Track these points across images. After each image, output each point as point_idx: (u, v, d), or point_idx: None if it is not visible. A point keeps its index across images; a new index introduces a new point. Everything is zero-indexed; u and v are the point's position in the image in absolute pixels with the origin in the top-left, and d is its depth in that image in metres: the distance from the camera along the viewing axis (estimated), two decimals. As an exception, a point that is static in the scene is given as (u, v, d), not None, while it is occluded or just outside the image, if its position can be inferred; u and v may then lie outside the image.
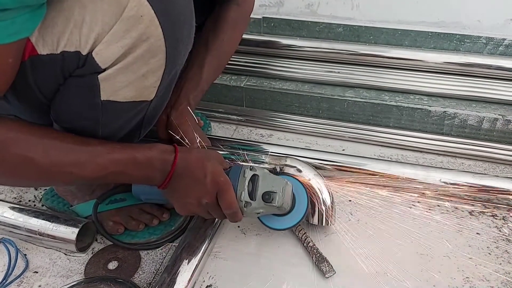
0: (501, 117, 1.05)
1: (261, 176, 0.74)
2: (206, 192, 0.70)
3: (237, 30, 0.98)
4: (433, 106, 1.09)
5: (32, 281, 0.80)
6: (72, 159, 0.62)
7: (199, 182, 0.70)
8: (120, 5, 0.56)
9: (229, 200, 0.70)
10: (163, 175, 0.69)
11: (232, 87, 1.23)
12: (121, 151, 0.66)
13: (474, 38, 1.14)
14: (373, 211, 0.92)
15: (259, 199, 0.72)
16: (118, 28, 0.57)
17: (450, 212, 0.91)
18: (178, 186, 0.71)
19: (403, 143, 1.10)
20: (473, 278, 0.77)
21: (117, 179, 0.68)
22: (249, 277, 0.79)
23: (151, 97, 0.68)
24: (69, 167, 0.62)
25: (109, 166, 0.64)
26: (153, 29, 0.59)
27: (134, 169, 0.67)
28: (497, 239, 0.85)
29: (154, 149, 0.69)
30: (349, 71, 1.19)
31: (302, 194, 0.80)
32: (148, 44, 0.60)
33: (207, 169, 0.70)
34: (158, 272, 0.81)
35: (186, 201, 0.72)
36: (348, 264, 0.80)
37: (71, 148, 0.63)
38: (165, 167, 0.69)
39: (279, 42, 1.23)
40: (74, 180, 0.70)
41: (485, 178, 0.90)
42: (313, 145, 1.13)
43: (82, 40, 0.58)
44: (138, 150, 0.68)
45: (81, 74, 0.62)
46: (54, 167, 0.61)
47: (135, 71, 0.62)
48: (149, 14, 0.57)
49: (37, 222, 0.84)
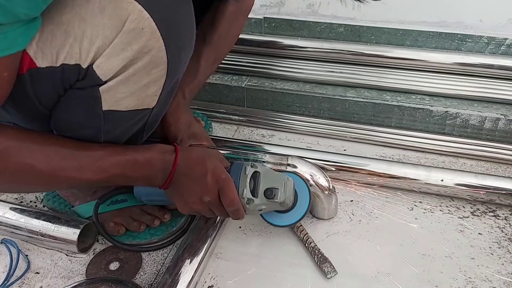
0: (503, 117, 1.04)
1: (262, 172, 0.74)
2: (208, 190, 0.70)
3: (236, 24, 0.97)
4: (435, 106, 1.09)
5: (34, 282, 0.80)
6: (73, 164, 0.62)
7: (201, 180, 0.70)
8: (121, 19, 0.56)
9: (231, 197, 0.70)
10: (164, 175, 0.69)
11: (233, 87, 1.23)
12: (122, 153, 0.66)
13: (476, 38, 1.13)
14: (374, 212, 0.91)
15: (261, 195, 0.73)
16: (119, 41, 0.57)
17: (452, 212, 0.91)
18: (179, 185, 0.71)
19: (405, 143, 1.09)
20: (475, 278, 0.77)
21: (119, 182, 0.68)
22: (250, 277, 0.79)
23: (153, 105, 0.68)
24: (70, 172, 0.62)
25: (110, 168, 0.64)
26: (155, 42, 0.58)
27: (135, 171, 0.67)
28: (499, 239, 0.84)
29: (155, 149, 0.70)
30: (350, 71, 1.18)
31: (303, 189, 0.80)
32: (149, 56, 0.59)
33: (208, 167, 0.70)
34: (160, 273, 0.81)
35: (188, 199, 0.72)
36: (349, 264, 0.80)
37: (71, 153, 0.63)
38: (166, 167, 0.69)
39: (280, 42, 1.23)
40: (76, 185, 0.71)
41: (487, 178, 0.90)
42: (314, 145, 1.13)
43: (83, 53, 0.57)
44: (139, 151, 0.68)
45: (82, 86, 0.61)
46: (55, 173, 0.61)
47: (137, 82, 0.62)
48: (150, 26, 0.57)
49: (38, 223, 0.84)
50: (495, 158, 1.04)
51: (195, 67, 0.90)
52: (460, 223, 0.88)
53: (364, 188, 0.97)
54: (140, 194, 0.82)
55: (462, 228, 0.87)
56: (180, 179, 0.70)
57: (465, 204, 0.92)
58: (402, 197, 0.95)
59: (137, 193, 0.82)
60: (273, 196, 0.73)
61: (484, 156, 1.04)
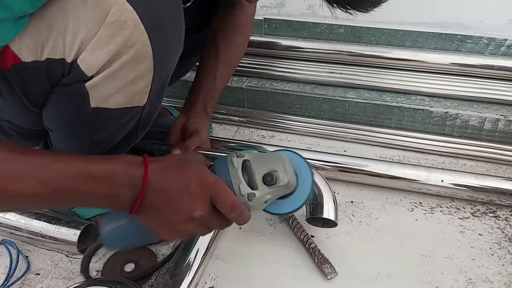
0: (503, 118, 1.04)
1: (252, 159, 0.61)
2: (197, 202, 0.55)
3: (245, 35, 0.99)
4: (434, 106, 1.09)
5: (34, 283, 0.80)
6: (6, 170, 0.49)
7: (184, 193, 0.55)
8: (103, 11, 0.55)
9: (229, 201, 0.57)
10: (133, 193, 0.54)
11: (233, 88, 1.23)
12: (72, 162, 0.52)
13: (476, 39, 1.13)
14: (375, 213, 0.91)
15: (261, 185, 0.60)
16: (102, 34, 0.56)
17: (452, 213, 0.91)
18: (156, 205, 0.55)
19: (405, 144, 1.09)
20: (476, 279, 0.77)
21: (73, 201, 0.54)
22: (251, 279, 0.79)
23: (143, 102, 0.66)
24: (6, 181, 0.48)
25: (55, 181, 0.50)
26: (138, 35, 0.57)
27: (91, 186, 0.52)
28: (499, 240, 0.84)
29: (117, 161, 0.55)
30: (350, 72, 1.18)
31: (301, 165, 0.66)
32: (134, 50, 0.58)
33: (189, 174, 0.56)
34: (160, 273, 0.81)
35: (173, 221, 0.56)
36: (350, 265, 0.79)
37: (3, 158, 0.49)
38: (134, 183, 0.53)
39: (281, 43, 1.23)
40: (13, 201, 0.52)
41: (487, 179, 0.90)
42: (314, 146, 1.13)
43: (66, 47, 0.56)
44: (95, 162, 0.53)
45: (68, 82, 0.61)
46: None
47: (123, 78, 0.61)
48: (133, 19, 0.56)
49: (38, 224, 0.83)
50: (495, 159, 1.04)
51: (213, 84, 0.91)
52: (460, 224, 0.88)
53: (365, 189, 0.97)
54: (108, 236, 0.61)
55: (463, 229, 0.87)
56: (156, 197, 0.54)
57: (465, 205, 0.93)
58: (402, 198, 0.95)
59: (105, 236, 0.61)
60: (275, 180, 0.60)
61: (484, 157, 1.04)
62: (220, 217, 0.58)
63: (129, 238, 0.62)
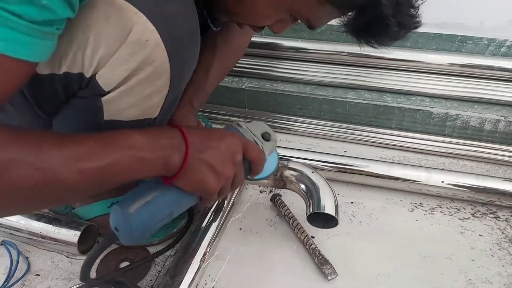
0: (503, 118, 1.04)
1: (244, 126, 0.73)
2: (235, 149, 0.63)
3: (246, 36, 0.98)
4: (435, 107, 1.09)
5: (34, 284, 0.80)
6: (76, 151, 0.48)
7: (223, 144, 0.61)
8: (125, 29, 0.54)
9: (256, 147, 0.67)
10: (180, 153, 0.57)
11: (234, 89, 1.23)
12: (119, 137, 0.53)
13: (476, 39, 1.13)
14: (375, 213, 0.91)
15: (263, 140, 0.72)
16: (123, 51, 0.56)
17: (452, 214, 0.91)
18: (202, 158, 0.59)
19: (405, 144, 1.09)
20: (476, 280, 0.77)
21: (128, 172, 0.54)
22: (251, 279, 0.79)
23: (155, 115, 0.67)
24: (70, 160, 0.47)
25: (114, 152, 0.51)
26: (158, 53, 0.57)
27: (145, 153, 0.54)
28: (500, 241, 0.84)
29: (152, 131, 0.58)
30: (351, 72, 1.19)
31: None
32: (152, 67, 0.58)
33: (219, 132, 0.64)
34: (160, 274, 0.81)
35: (219, 167, 0.60)
36: (350, 266, 0.79)
37: (60, 140, 0.48)
38: (178, 143, 0.58)
39: (281, 44, 1.23)
40: (84, 180, 0.49)
41: (487, 180, 0.90)
42: (315, 146, 1.13)
43: (86, 62, 0.56)
44: (138, 133, 0.55)
45: (84, 95, 0.61)
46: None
47: (139, 93, 0.61)
48: (155, 38, 0.56)
49: (39, 224, 0.83)
50: (495, 160, 1.04)
51: (204, 79, 0.90)
52: (460, 224, 0.88)
53: (365, 190, 0.97)
54: (137, 216, 0.59)
55: (463, 230, 0.87)
56: (200, 149, 0.59)
57: (465, 206, 0.92)
58: (403, 199, 0.95)
59: (132, 217, 0.59)
60: (270, 137, 0.73)
61: (484, 157, 1.05)
62: (243, 168, 0.66)
63: (160, 212, 0.62)
